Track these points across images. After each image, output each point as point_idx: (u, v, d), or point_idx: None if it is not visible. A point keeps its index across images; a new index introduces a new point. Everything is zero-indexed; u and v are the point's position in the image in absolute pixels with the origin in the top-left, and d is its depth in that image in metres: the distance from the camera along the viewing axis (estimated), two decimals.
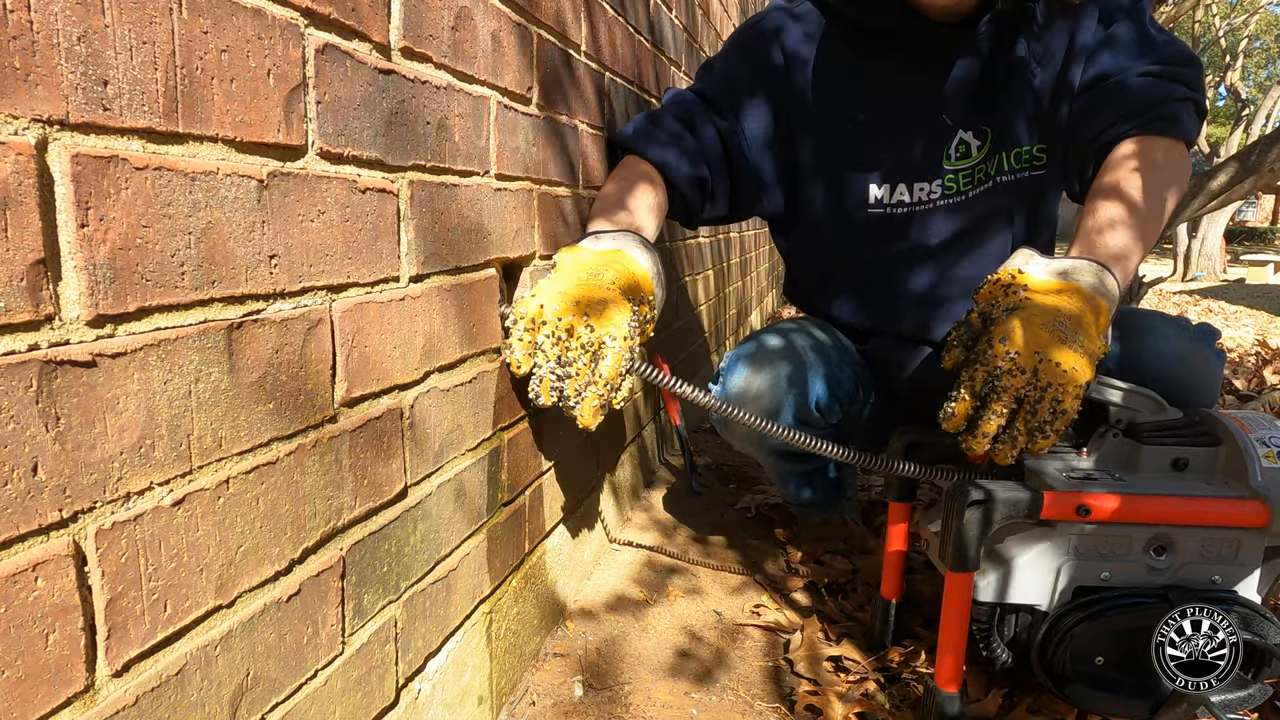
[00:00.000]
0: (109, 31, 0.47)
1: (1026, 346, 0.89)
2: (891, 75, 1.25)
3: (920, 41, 1.21)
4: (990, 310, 0.96)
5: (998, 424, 0.91)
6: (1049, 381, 0.89)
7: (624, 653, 1.18)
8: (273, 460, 0.61)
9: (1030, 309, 0.92)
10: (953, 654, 0.97)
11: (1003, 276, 0.97)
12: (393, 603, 0.78)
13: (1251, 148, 2.49)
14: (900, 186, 1.28)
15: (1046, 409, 0.90)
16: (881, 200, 1.29)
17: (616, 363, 0.92)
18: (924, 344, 1.34)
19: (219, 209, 0.55)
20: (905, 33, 1.21)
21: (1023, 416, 0.91)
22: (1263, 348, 4.05)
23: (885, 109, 1.26)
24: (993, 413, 0.91)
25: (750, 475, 1.96)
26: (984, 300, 0.98)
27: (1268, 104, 13.68)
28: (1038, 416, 0.90)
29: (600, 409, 0.94)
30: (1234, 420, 1.00)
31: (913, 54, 1.23)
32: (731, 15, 2.86)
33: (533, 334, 0.93)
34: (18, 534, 0.43)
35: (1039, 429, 0.91)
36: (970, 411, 0.93)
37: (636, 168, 1.22)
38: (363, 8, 0.69)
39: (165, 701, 0.52)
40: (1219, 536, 0.96)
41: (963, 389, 0.93)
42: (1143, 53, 1.17)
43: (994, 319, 0.94)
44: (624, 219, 1.12)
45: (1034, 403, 0.90)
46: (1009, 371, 0.89)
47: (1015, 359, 0.89)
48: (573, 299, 0.93)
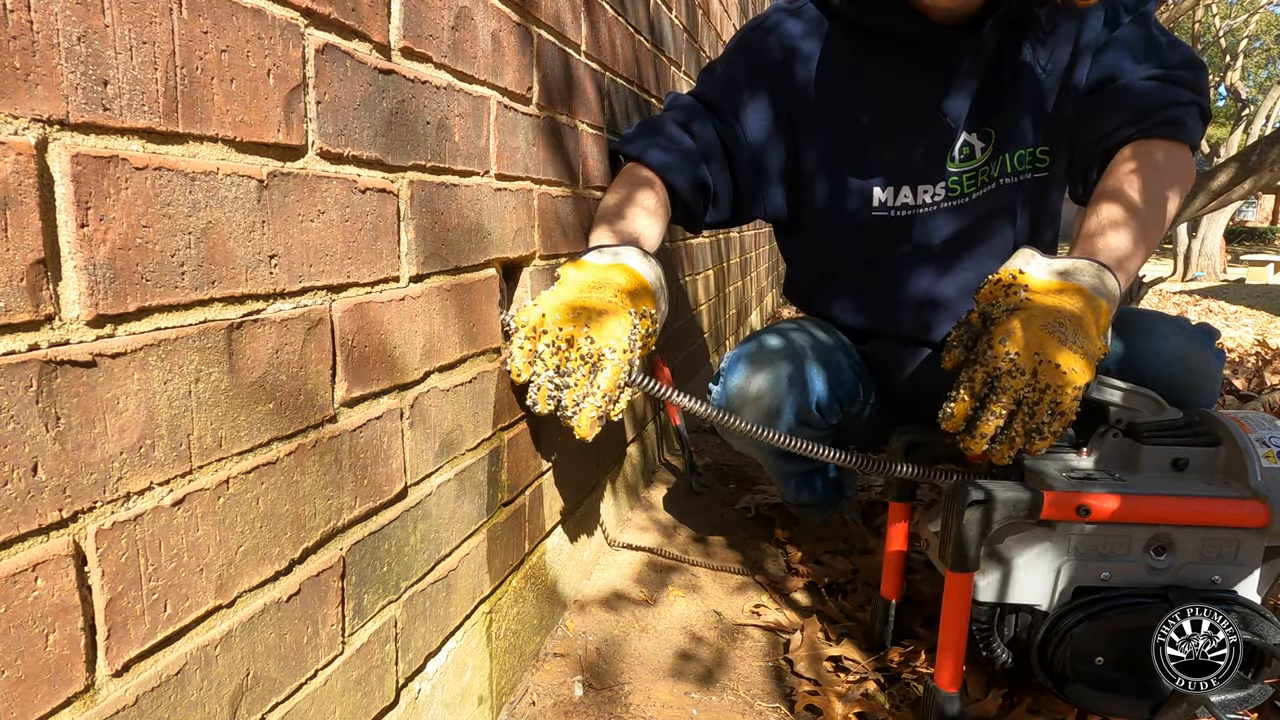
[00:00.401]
0: (109, 31, 0.47)
1: (1026, 347, 0.89)
2: (894, 76, 1.25)
3: (923, 43, 1.21)
4: (990, 310, 0.96)
5: (996, 425, 0.91)
6: (1048, 383, 0.89)
7: (624, 652, 1.18)
8: (273, 460, 0.61)
9: (1031, 309, 0.92)
10: (953, 654, 0.97)
11: (1003, 276, 0.97)
12: (393, 603, 0.78)
13: (1252, 148, 2.49)
14: (904, 189, 1.28)
15: (1045, 410, 0.90)
16: (885, 203, 1.29)
17: (615, 375, 0.93)
18: (924, 345, 1.34)
19: (219, 209, 0.55)
20: (907, 34, 1.21)
21: (1021, 418, 0.91)
22: (1263, 348, 4.06)
23: (888, 110, 1.26)
24: (991, 413, 0.91)
25: (750, 475, 1.96)
26: (984, 300, 0.98)
27: (1268, 104, 13.69)
28: (1036, 418, 0.90)
29: (597, 420, 0.94)
30: (1234, 420, 1.00)
31: (915, 55, 1.23)
32: (731, 15, 2.86)
33: (533, 342, 0.94)
34: (18, 534, 0.43)
35: (1037, 430, 0.91)
36: (969, 412, 0.93)
37: (637, 175, 1.22)
38: (363, 8, 0.69)
39: (165, 701, 0.52)
40: (1219, 536, 0.96)
41: (962, 389, 0.93)
42: (1148, 56, 1.18)
43: (994, 319, 0.94)
44: (626, 229, 1.12)
45: (1032, 404, 0.90)
46: (1008, 372, 0.89)
47: (1015, 359, 0.89)
48: (574, 310, 0.94)
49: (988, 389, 0.91)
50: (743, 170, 1.31)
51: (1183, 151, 1.12)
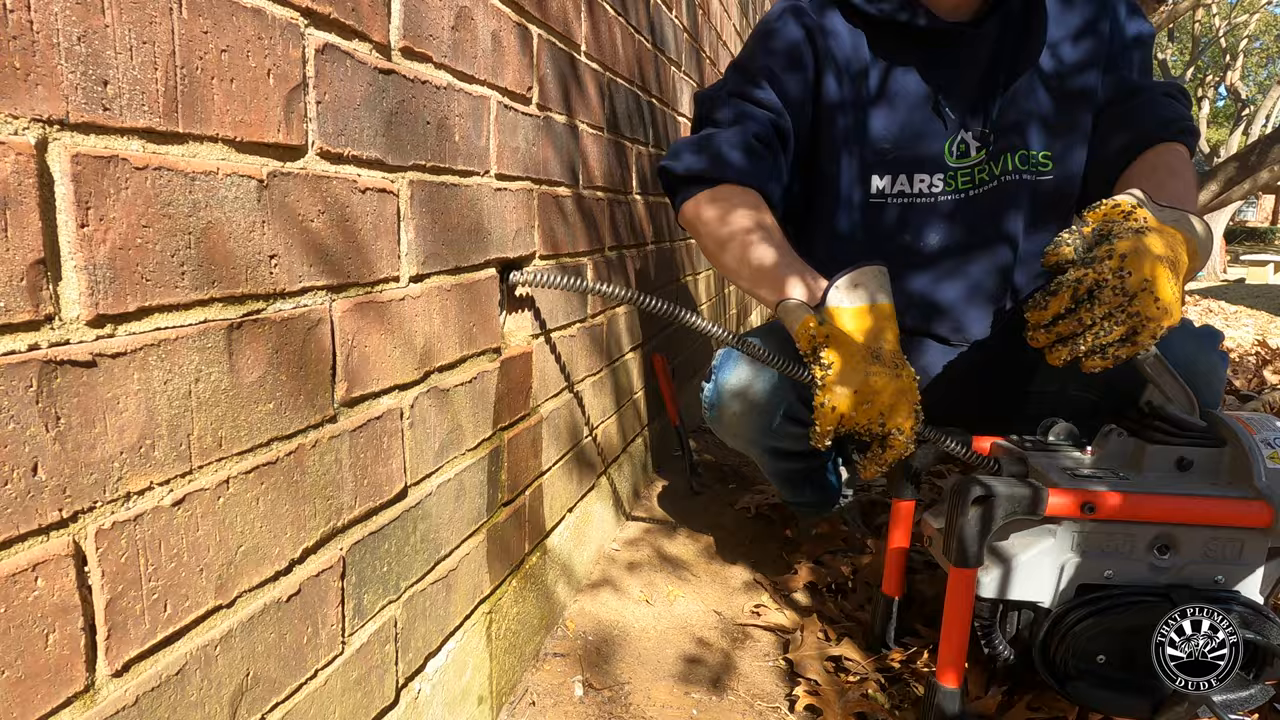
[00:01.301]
0: (109, 31, 0.47)
1: (1139, 269, 0.90)
2: (899, 68, 1.27)
3: (926, 36, 1.23)
4: (1111, 228, 0.96)
5: (1074, 329, 0.93)
6: (1138, 310, 0.90)
7: (624, 652, 1.18)
8: (273, 460, 0.61)
9: (1152, 237, 0.93)
10: (954, 650, 0.97)
11: (1121, 203, 0.98)
12: (393, 602, 0.78)
13: (1251, 148, 2.50)
14: (901, 177, 1.30)
15: (1119, 334, 0.91)
16: (883, 190, 1.30)
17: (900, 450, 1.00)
18: (924, 337, 1.35)
19: (219, 209, 0.55)
20: (911, 26, 1.23)
21: (1095, 331, 0.92)
22: (1263, 348, 4.05)
23: (891, 101, 1.27)
24: (1076, 319, 0.92)
25: (750, 475, 1.96)
26: (1098, 219, 0.98)
27: (1268, 104, 13.69)
28: (1109, 336, 0.91)
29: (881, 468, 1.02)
30: (1239, 421, 1.00)
31: (920, 48, 1.25)
32: (731, 15, 2.86)
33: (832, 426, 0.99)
34: (18, 534, 0.43)
35: (1100, 350, 0.92)
36: (1062, 310, 0.94)
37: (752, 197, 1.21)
38: (363, 8, 0.69)
39: (165, 701, 0.52)
40: (1222, 536, 0.95)
41: (1065, 290, 0.93)
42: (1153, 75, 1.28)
43: (1117, 234, 0.94)
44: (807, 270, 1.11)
45: (1114, 324, 0.91)
46: (1114, 288, 0.90)
47: (1126, 278, 0.90)
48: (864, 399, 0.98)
49: (1087, 295, 0.92)
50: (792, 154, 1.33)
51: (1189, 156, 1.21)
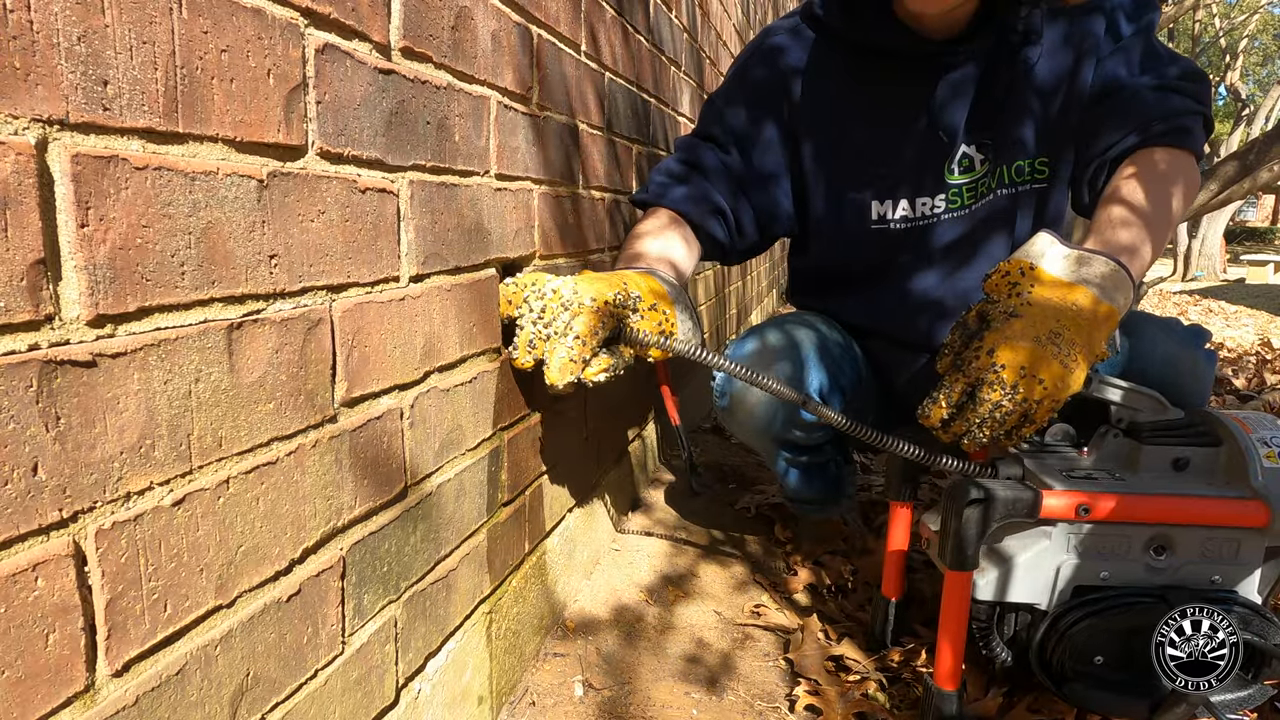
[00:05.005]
0: (109, 31, 0.47)
1: (1013, 362, 0.89)
2: (890, 91, 1.25)
3: (916, 56, 1.21)
4: (989, 310, 0.95)
5: (967, 427, 0.93)
6: (1025, 396, 0.89)
7: (624, 652, 1.18)
8: (273, 460, 0.61)
9: (1031, 314, 0.92)
10: (952, 653, 0.97)
11: (1013, 268, 0.97)
12: (393, 602, 0.78)
13: (1249, 147, 2.49)
14: (902, 202, 1.29)
15: (1015, 419, 0.91)
16: (884, 216, 1.30)
17: (590, 321, 0.93)
18: (924, 350, 1.35)
19: (219, 209, 0.55)
20: (900, 49, 1.21)
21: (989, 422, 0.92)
22: (1264, 347, 4.05)
23: (885, 125, 1.26)
24: (965, 419, 0.93)
25: (750, 475, 1.96)
26: (990, 290, 0.98)
27: (1268, 103, 13.68)
28: (1006, 425, 0.92)
29: (569, 366, 0.93)
30: (1235, 420, 1.00)
31: (911, 69, 1.23)
32: (731, 15, 2.86)
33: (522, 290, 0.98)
34: (18, 534, 0.43)
35: (1005, 435, 0.93)
36: (946, 415, 0.95)
37: (657, 216, 1.26)
38: (363, 7, 0.69)
39: (165, 701, 0.52)
40: (1219, 536, 0.96)
41: (942, 396, 0.94)
42: (1151, 67, 1.19)
43: (990, 323, 0.94)
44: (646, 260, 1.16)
45: (1005, 413, 0.91)
46: (990, 384, 0.90)
47: (1000, 373, 0.89)
48: (573, 279, 0.98)
49: (967, 396, 0.92)
50: (756, 195, 1.32)
51: (1187, 159, 1.13)
